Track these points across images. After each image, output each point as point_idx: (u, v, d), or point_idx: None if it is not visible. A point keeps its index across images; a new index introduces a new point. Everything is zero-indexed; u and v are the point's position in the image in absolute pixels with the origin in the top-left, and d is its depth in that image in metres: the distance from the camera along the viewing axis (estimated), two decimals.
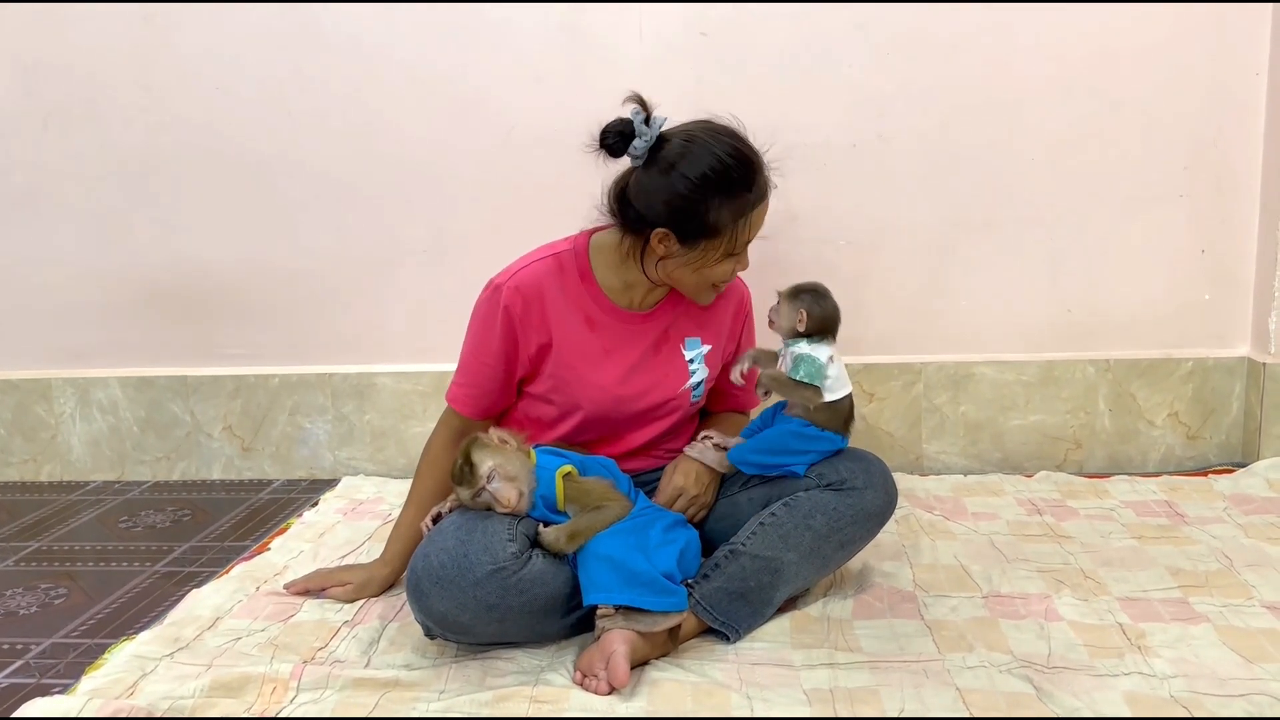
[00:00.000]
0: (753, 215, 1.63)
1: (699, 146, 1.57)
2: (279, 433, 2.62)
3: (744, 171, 1.59)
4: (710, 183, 1.57)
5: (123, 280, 2.60)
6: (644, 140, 1.57)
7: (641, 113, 1.58)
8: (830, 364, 1.65)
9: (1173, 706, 1.35)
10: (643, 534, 1.55)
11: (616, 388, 1.71)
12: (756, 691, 1.42)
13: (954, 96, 2.35)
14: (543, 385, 1.73)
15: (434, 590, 1.45)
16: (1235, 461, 2.44)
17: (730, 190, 1.58)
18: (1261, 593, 1.69)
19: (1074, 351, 2.46)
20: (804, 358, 1.65)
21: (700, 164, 1.56)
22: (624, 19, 2.35)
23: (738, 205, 1.59)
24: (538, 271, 1.69)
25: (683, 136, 1.60)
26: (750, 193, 1.60)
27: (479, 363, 1.73)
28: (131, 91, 2.49)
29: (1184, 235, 2.40)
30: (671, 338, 1.76)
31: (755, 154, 1.62)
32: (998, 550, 1.92)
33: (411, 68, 2.42)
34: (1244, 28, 2.29)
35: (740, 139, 1.62)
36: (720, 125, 1.63)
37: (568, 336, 1.70)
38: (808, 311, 1.66)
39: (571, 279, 1.71)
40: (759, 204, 1.63)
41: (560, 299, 1.69)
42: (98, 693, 1.46)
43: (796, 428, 1.66)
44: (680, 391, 1.76)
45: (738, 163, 1.58)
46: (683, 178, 1.57)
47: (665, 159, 1.58)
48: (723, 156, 1.57)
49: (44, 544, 2.20)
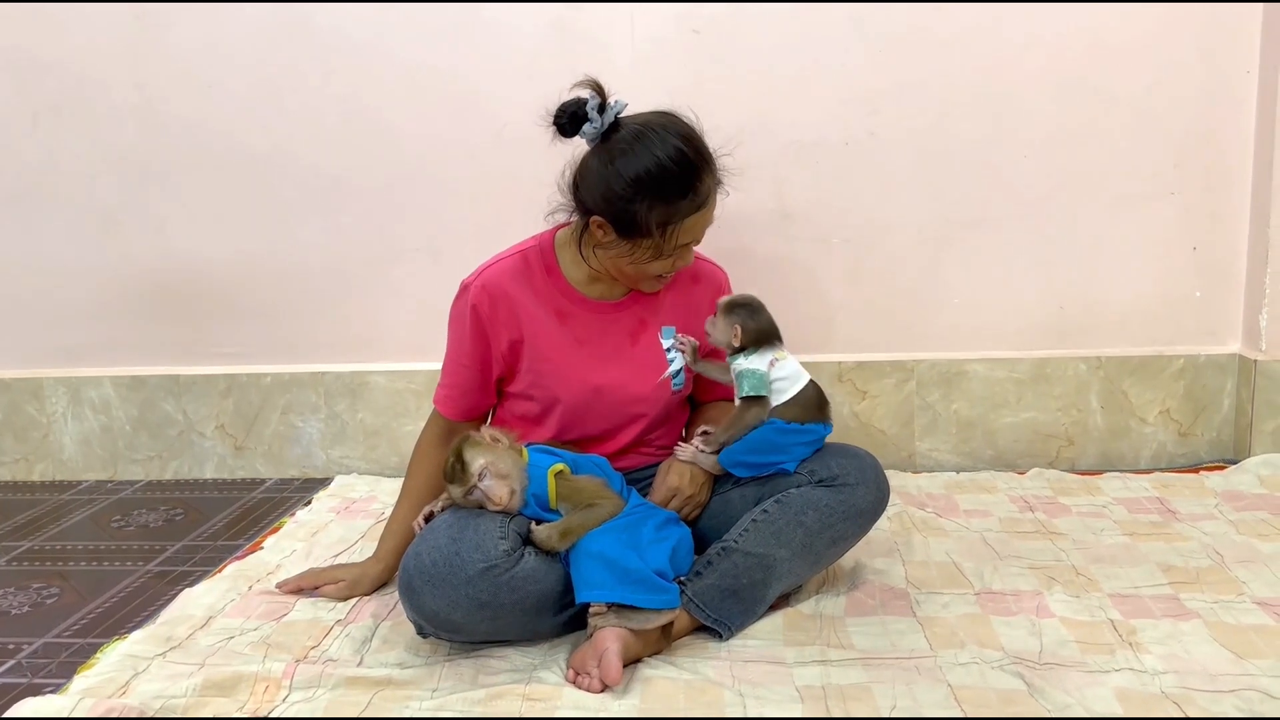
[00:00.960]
0: (685, 222, 1.60)
1: (643, 144, 1.56)
2: (272, 432, 2.62)
3: (683, 177, 1.57)
4: (644, 184, 1.56)
5: (115, 279, 2.59)
6: (593, 126, 1.58)
7: (597, 98, 1.58)
8: (773, 367, 1.66)
9: (1163, 703, 1.35)
10: (635, 532, 1.55)
11: (593, 377, 1.72)
12: (749, 689, 1.42)
13: (946, 93, 2.36)
14: (521, 383, 1.75)
15: (426, 588, 1.45)
16: (1227, 458, 2.44)
17: (663, 194, 1.57)
18: (1252, 589, 1.69)
19: (1066, 349, 2.46)
20: (745, 373, 1.66)
21: (639, 163, 1.56)
22: (616, 17, 2.35)
23: (669, 210, 1.58)
24: (503, 269, 1.72)
25: (633, 130, 1.59)
26: (685, 199, 1.58)
27: (457, 364, 1.76)
28: (123, 89, 2.49)
29: (1175, 232, 2.40)
30: (648, 327, 1.77)
31: (702, 160, 1.60)
32: (990, 547, 1.93)
33: (404, 66, 2.41)
34: (1235, 26, 2.30)
35: (691, 141, 1.59)
36: (677, 124, 1.61)
37: (539, 331, 1.71)
38: (742, 326, 1.67)
39: (539, 274, 1.73)
40: (694, 212, 1.60)
41: (528, 295, 1.71)
42: (90, 692, 1.45)
43: (778, 425, 1.66)
44: (660, 380, 1.76)
45: (678, 167, 1.56)
46: (619, 174, 1.57)
47: (611, 149, 1.58)
48: (663, 159, 1.55)
49: (36, 543, 2.19)
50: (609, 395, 1.73)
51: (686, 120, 1.63)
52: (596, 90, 1.59)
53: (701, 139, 1.62)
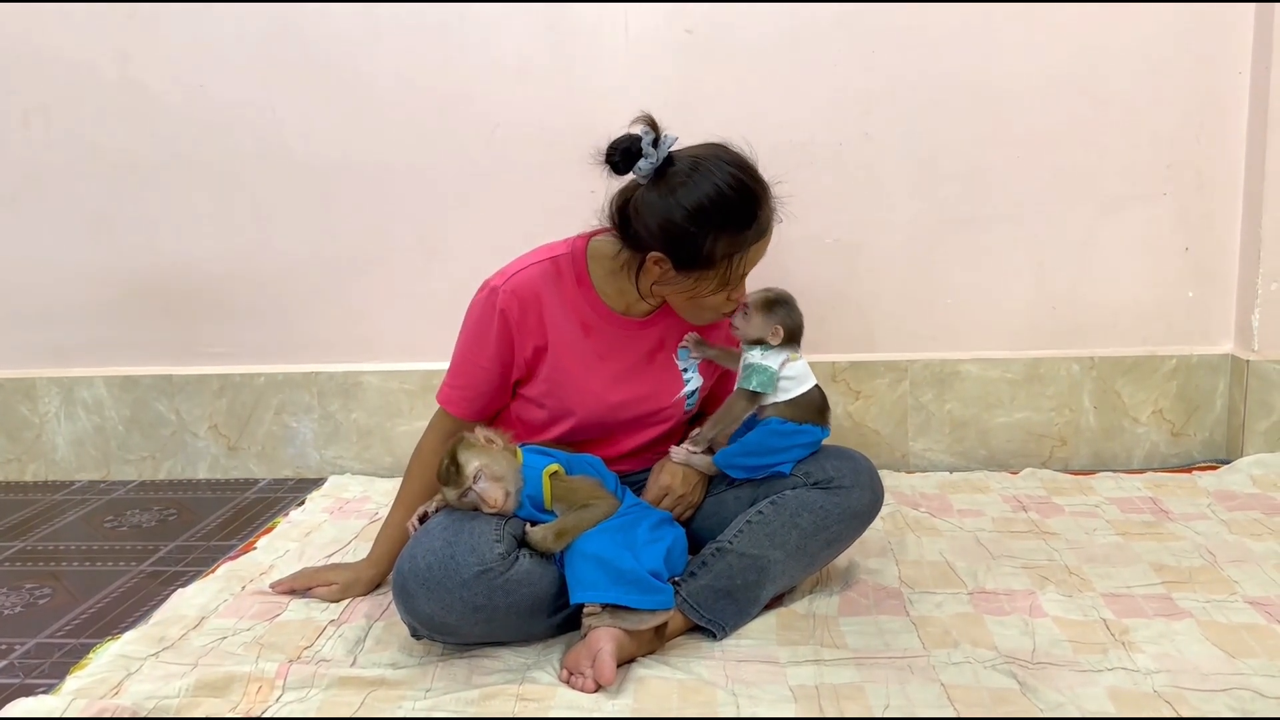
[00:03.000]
0: (750, 250, 1.58)
1: (702, 175, 1.53)
2: (265, 432, 2.62)
3: (745, 205, 1.54)
4: (708, 213, 1.53)
5: (107, 279, 2.59)
6: (649, 162, 1.53)
7: (651, 133, 1.53)
8: (784, 367, 1.66)
9: (1156, 702, 1.36)
10: (629, 532, 1.55)
11: (609, 394, 1.70)
12: (743, 689, 1.43)
13: (939, 94, 2.36)
14: (537, 388, 1.72)
15: (420, 591, 1.45)
16: (1219, 458, 2.45)
17: (727, 223, 1.54)
18: (1244, 588, 1.70)
19: (1059, 349, 2.47)
20: (756, 368, 1.65)
21: (699, 192, 1.52)
22: (609, 17, 2.35)
23: (735, 239, 1.55)
24: (534, 275, 1.67)
25: (689, 161, 1.55)
26: (749, 228, 1.56)
27: (473, 365, 1.71)
28: (114, 89, 2.48)
29: (1167, 233, 2.41)
30: (666, 346, 1.75)
31: (760, 187, 1.57)
32: (983, 547, 1.93)
33: (396, 66, 2.41)
34: (1226, 26, 2.31)
35: (747, 169, 1.57)
36: (730, 153, 1.58)
37: (563, 340, 1.68)
38: (783, 325, 1.66)
39: (569, 283, 1.68)
40: (757, 240, 1.58)
41: (557, 303, 1.67)
42: (82, 692, 1.45)
43: (774, 426, 1.66)
44: (674, 400, 1.75)
45: (739, 195, 1.54)
46: (680, 206, 1.53)
47: (668, 183, 1.54)
48: (724, 188, 1.52)
49: (29, 544, 2.19)
50: (621, 413, 1.72)
51: (739, 150, 1.60)
52: (651, 125, 1.54)
53: (756, 167, 1.59)
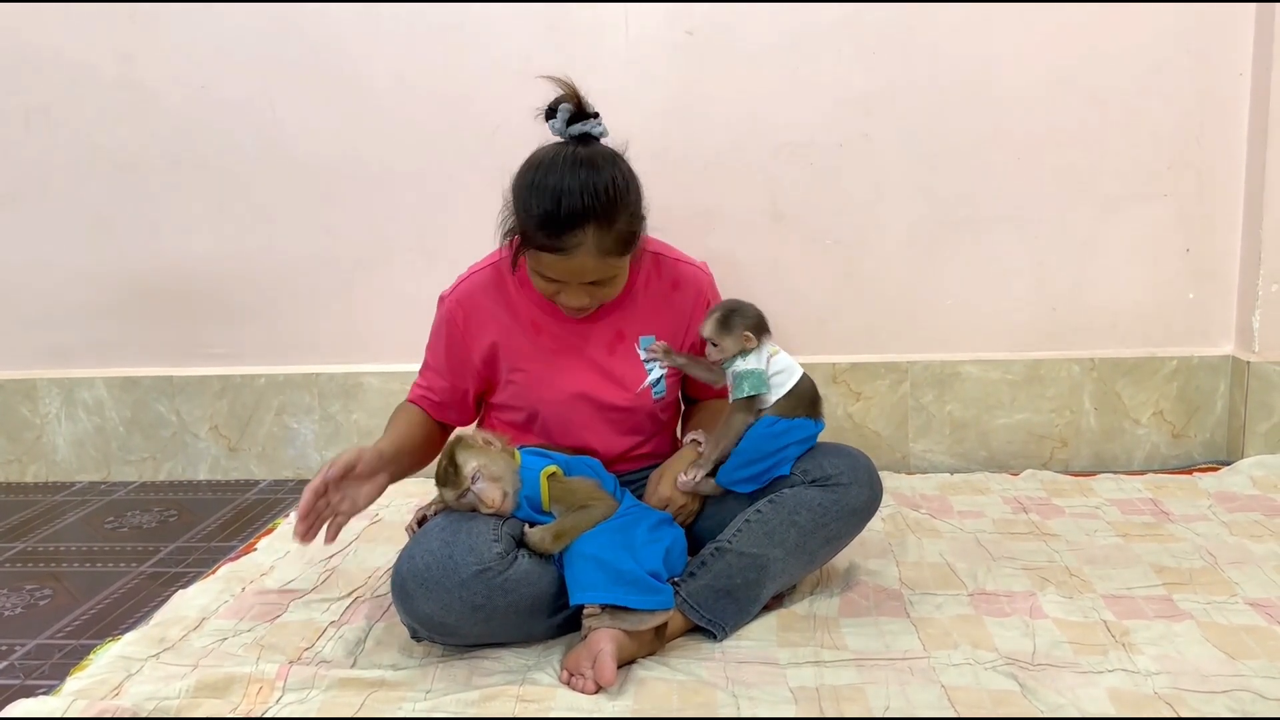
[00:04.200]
0: (543, 258, 1.56)
1: (563, 166, 1.53)
2: (265, 433, 2.62)
3: (552, 215, 1.51)
4: (521, 195, 1.55)
5: (108, 280, 2.59)
6: (554, 126, 1.58)
7: (570, 109, 1.57)
8: (770, 363, 1.66)
9: (1156, 703, 1.36)
10: (628, 532, 1.55)
11: (569, 387, 1.71)
12: (743, 690, 1.42)
13: (940, 95, 2.36)
14: (503, 395, 1.75)
15: (419, 591, 1.45)
16: (1220, 459, 2.45)
17: (528, 217, 1.54)
18: (1245, 590, 1.69)
19: (1059, 350, 2.47)
20: (744, 374, 1.65)
21: (538, 174, 1.54)
22: (610, 17, 2.35)
23: (528, 236, 1.56)
24: (477, 282, 1.73)
25: (574, 151, 1.55)
26: (543, 238, 1.53)
27: (434, 371, 1.78)
28: (115, 91, 2.48)
29: (1168, 234, 2.41)
30: (625, 337, 1.74)
31: (571, 217, 1.50)
32: (983, 548, 1.93)
33: (396, 66, 2.41)
34: (1227, 28, 2.31)
35: (591, 193, 1.51)
36: (605, 169, 1.54)
37: (513, 343, 1.71)
38: (748, 328, 1.65)
39: (512, 286, 1.72)
40: (552, 252, 1.54)
41: (502, 307, 1.71)
42: (83, 693, 1.45)
43: (764, 428, 1.65)
44: (640, 390, 1.74)
45: (552, 204, 1.51)
46: (521, 173, 1.58)
47: (545, 155, 1.57)
48: (548, 187, 1.51)
49: (29, 545, 2.19)
50: (587, 404, 1.72)
51: (622, 179, 1.55)
52: (576, 101, 1.57)
53: (619, 195, 1.54)
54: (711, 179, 2.41)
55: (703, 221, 2.40)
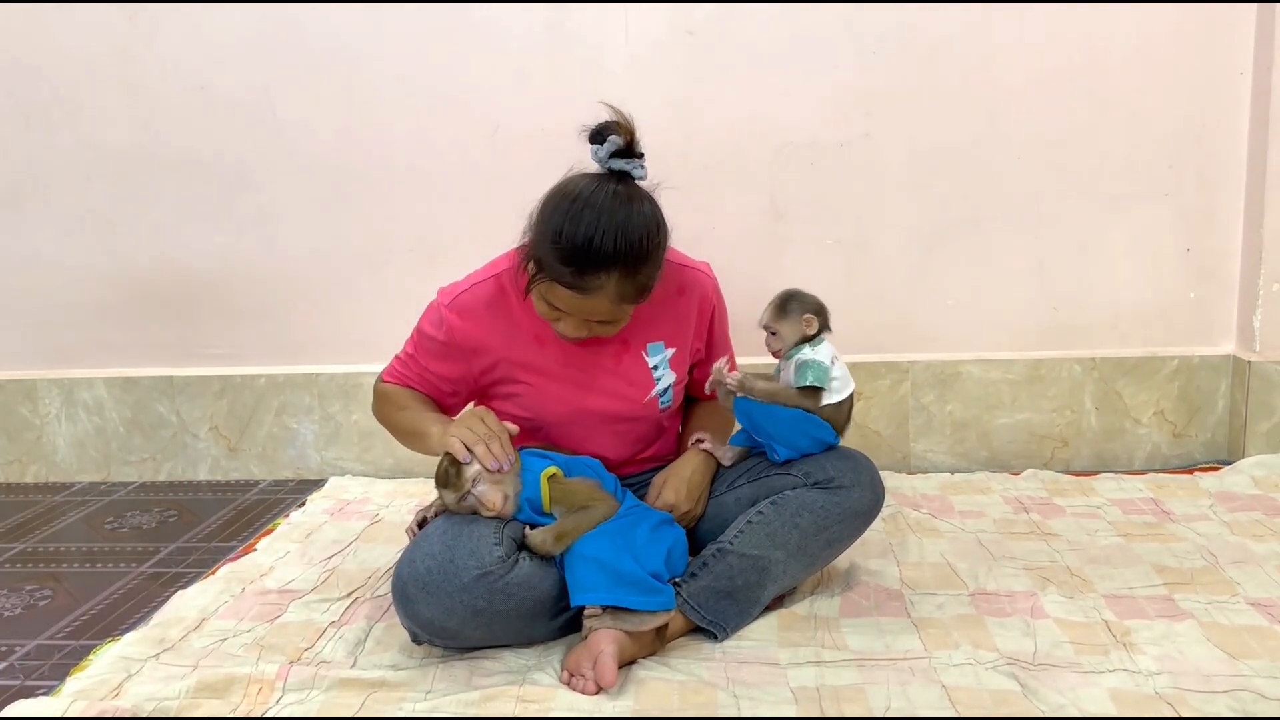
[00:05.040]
0: (558, 289, 1.52)
1: (591, 208, 1.47)
2: (265, 433, 2.62)
3: (575, 254, 1.47)
4: (554, 231, 1.48)
5: (108, 280, 2.59)
6: (597, 156, 1.53)
7: (619, 142, 1.52)
8: (834, 365, 1.65)
9: (1157, 703, 1.35)
10: (629, 533, 1.54)
11: (576, 401, 1.69)
12: (743, 690, 1.42)
13: (941, 95, 2.36)
14: (505, 402, 1.72)
15: (420, 595, 1.45)
16: (1221, 459, 2.45)
17: (555, 249, 1.48)
18: (1246, 589, 1.69)
19: (1060, 350, 2.47)
20: (809, 363, 1.63)
21: (567, 215, 1.48)
22: (610, 18, 2.35)
23: (552, 268, 1.50)
24: (478, 295, 1.67)
25: (611, 192, 1.50)
26: (567, 275, 1.49)
27: (419, 364, 1.73)
28: (115, 91, 2.48)
29: (1169, 234, 2.41)
30: (632, 346, 1.71)
31: (597, 263, 1.47)
32: (984, 548, 1.93)
33: (396, 66, 2.41)
34: (1228, 27, 2.30)
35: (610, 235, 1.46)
36: (638, 221, 1.49)
37: (516, 355, 1.68)
38: (808, 310, 1.64)
39: (514, 299, 1.67)
40: (569, 288, 1.50)
41: (504, 321, 1.67)
42: (83, 694, 1.45)
43: (802, 413, 1.65)
44: (646, 400, 1.73)
45: (582, 246, 1.46)
46: (550, 199, 1.52)
47: (572, 186, 1.52)
48: (581, 230, 1.46)
49: (29, 545, 2.19)
50: (592, 416, 1.71)
51: (656, 229, 1.53)
52: (629, 138, 1.53)
53: (652, 248, 1.52)
54: (711, 179, 2.41)
55: (703, 221, 2.40)
